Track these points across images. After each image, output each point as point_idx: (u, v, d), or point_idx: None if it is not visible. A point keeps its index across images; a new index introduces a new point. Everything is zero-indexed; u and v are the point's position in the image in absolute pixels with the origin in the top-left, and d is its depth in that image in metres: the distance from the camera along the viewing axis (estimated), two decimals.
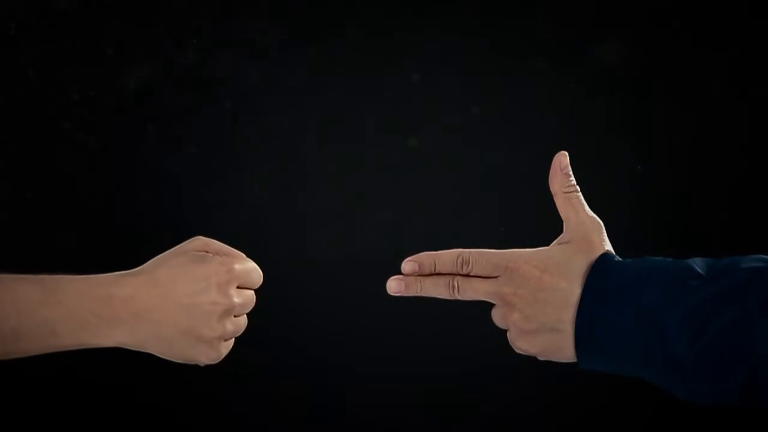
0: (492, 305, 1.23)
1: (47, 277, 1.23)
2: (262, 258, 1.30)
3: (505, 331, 1.23)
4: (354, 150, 2.40)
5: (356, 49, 2.39)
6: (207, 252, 1.27)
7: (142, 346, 1.25)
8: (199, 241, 1.28)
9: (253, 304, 1.28)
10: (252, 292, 1.28)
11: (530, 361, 1.29)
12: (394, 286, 1.24)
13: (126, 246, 2.32)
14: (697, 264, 1.15)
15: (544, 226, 1.28)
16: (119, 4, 2.36)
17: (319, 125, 2.40)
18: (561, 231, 1.24)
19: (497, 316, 1.22)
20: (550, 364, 1.26)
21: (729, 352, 1.10)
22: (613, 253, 1.21)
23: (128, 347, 1.25)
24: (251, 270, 1.28)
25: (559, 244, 1.22)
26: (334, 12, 2.38)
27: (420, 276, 1.23)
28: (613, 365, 1.17)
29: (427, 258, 1.23)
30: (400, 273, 1.24)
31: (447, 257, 1.22)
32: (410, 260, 1.23)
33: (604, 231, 1.22)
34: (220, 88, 2.39)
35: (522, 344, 1.20)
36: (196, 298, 1.23)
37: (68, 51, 2.36)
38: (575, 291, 1.17)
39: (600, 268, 1.18)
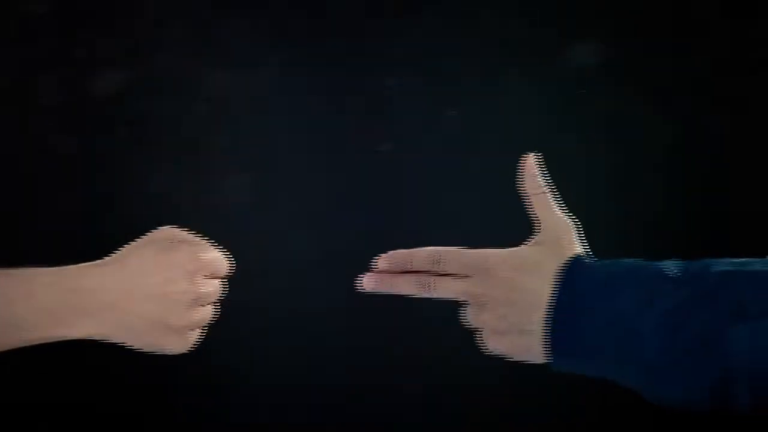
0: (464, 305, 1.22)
1: (14, 271, 1.22)
2: (244, 261, 1.30)
3: None
4: (332, 153, 2.40)
5: (335, 53, 2.39)
6: (174, 241, 1.26)
7: (109, 337, 1.24)
8: (167, 231, 1.27)
9: (219, 293, 1.28)
10: (219, 281, 1.28)
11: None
12: (366, 283, 1.23)
13: (102, 251, 2.31)
14: (670, 267, 1.15)
15: (528, 229, 1.27)
16: (92, 8, 2.35)
17: (298, 128, 2.40)
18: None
19: (468, 316, 1.21)
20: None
21: (700, 356, 1.10)
22: (587, 254, 1.20)
23: (96, 338, 1.24)
24: (218, 259, 1.27)
25: (532, 245, 1.21)
26: (311, 16, 2.38)
27: (393, 273, 1.22)
28: (584, 367, 1.16)
29: (401, 256, 1.22)
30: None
31: (421, 255, 1.21)
32: (384, 257, 1.23)
33: (578, 232, 1.21)
34: (193, 91, 2.39)
35: (492, 344, 1.19)
36: (165, 287, 1.23)
37: (41, 54, 2.36)
38: (546, 292, 1.16)
39: (572, 270, 1.17)
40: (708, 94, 2.37)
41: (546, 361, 1.18)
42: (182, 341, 1.25)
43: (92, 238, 2.33)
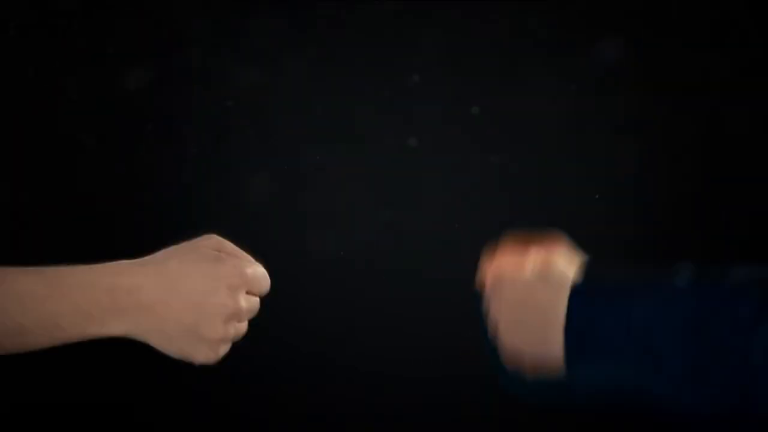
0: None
1: (50, 269, 1.20)
2: (262, 258, 1.30)
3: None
4: (354, 150, 2.40)
5: (356, 50, 2.39)
6: (220, 252, 1.24)
7: (144, 337, 1.22)
8: (213, 240, 1.25)
9: (256, 312, 1.26)
10: (258, 299, 1.26)
11: None
12: None
13: (126, 246, 2.32)
14: (685, 276, 1.15)
15: (545, 225, 1.27)
16: (119, 4, 2.36)
17: (319, 125, 2.40)
18: (562, 230, 1.23)
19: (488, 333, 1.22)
20: None
21: (719, 366, 1.10)
22: (599, 265, 1.20)
23: (133, 337, 1.22)
24: (261, 277, 1.25)
25: (540, 264, 1.21)
26: (334, 12, 2.38)
27: None
28: (604, 384, 1.16)
29: None
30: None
31: None
32: None
33: (571, 246, 1.21)
34: (220, 88, 2.39)
35: (510, 362, 1.20)
36: (206, 297, 1.21)
37: (68, 51, 2.37)
38: (560, 308, 1.16)
39: (584, 284, 1.17)
40: (733, 93, 2.37)
41: (565, 374, 1.18)
42: (211, 353, 1.23)
43: (120, 233, 2.34)
